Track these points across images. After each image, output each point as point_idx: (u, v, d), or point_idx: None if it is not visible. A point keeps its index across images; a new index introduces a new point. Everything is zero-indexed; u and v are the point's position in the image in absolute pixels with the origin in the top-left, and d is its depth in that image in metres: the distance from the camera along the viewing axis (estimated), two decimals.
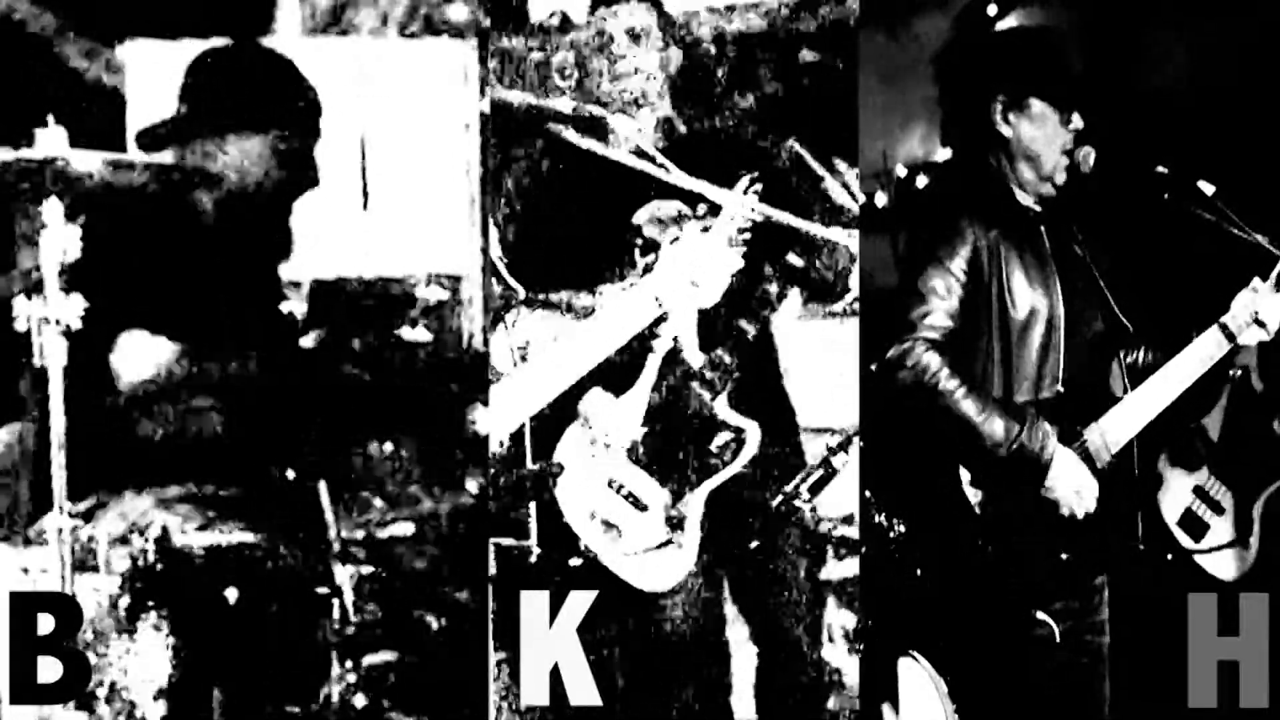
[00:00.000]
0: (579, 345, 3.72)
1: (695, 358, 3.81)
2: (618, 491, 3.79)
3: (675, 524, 3.81)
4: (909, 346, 3.57)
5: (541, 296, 3.87)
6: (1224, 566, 4.31)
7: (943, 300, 3.60)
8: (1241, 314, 3.69)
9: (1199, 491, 4.33)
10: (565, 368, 3.71)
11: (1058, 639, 3.63)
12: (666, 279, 3.70)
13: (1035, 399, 3.66)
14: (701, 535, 3.83)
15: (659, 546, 3.80)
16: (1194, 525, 4.34)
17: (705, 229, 3.73)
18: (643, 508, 3.81)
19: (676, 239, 3.75)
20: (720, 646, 4.01)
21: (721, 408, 3.82)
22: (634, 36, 3.93)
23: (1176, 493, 4.32)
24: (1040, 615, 3.63)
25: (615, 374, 3.77)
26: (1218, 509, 4.34)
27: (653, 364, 3.78)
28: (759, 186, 3.74)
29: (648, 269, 3.79)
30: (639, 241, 3.83)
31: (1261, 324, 3.68)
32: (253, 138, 3.99)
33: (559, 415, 3.78)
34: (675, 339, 3.77)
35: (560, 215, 3.95)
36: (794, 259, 3.87)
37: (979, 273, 3.64)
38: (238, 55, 4.09)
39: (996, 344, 3.66)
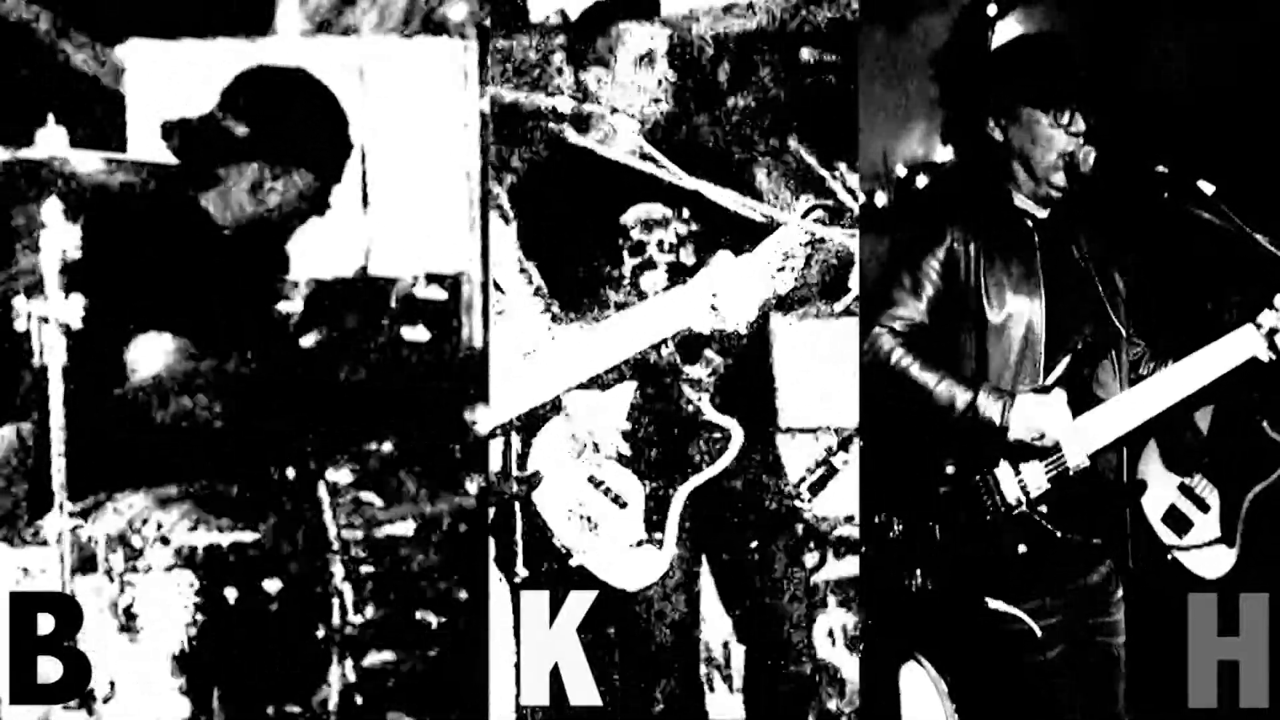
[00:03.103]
0: (609, 338, 3.76)
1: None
2: (598, 488, 3.81)
3: (654, 523, 3.82)
4: (870, 334, 3.69)
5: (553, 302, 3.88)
6: (1206, 565, 4.31)
7: (909, 296, 3.69)
8: (1265, 327, 3.67)
9: (1184, 488, 4.33)
10: (589, 361, 3.76)
11: (1038, 633, 3.64)
12: (726, 282, 3.74)
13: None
14: (680, 535, 3.83)
15: (637, 545, 3.81)
16: (1178, 521, 4.34)
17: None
18: (623, 505, 3.83)
19: (746, 251, 3.77)
20: (694, 645, 4.01)
21: (706, 407, 3.82)
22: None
23: (1162, 488, 4.33)
24: (998, 605, 3.64)
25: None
26: (1203, 506, 4.34)
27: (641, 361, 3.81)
28: (822, 214, 3.77)
29: (636, 271, 3.81)
30: (627, 243, 3.85)
31: (1274, 347, 3.66)
32: (295, 174, 3.98)
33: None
34: (668, 338, 3.79)
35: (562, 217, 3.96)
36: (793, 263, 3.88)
37: (954, 274, 3.69)
38: (289, 83, 4.06)
39: (973, 345, 3.69)
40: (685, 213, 3.84)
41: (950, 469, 3.68)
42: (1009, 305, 3.70)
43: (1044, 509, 3.65)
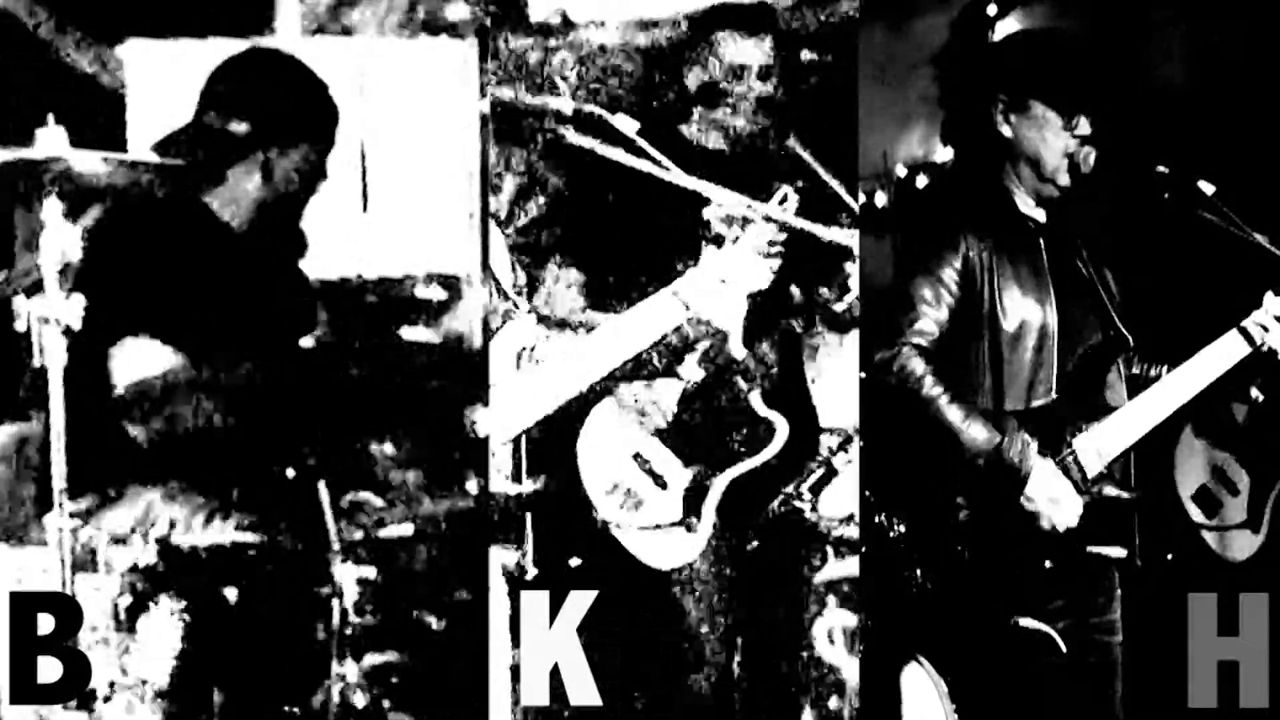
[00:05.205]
0: (598, 347, 3.77)
1: (739, 350, 3.85)
2: (641, 466, 3.84)
3: (692, 506, 3.84)
4: (895, 352, 3.60)
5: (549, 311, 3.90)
6: (1231, 547, 4.35)
7: (931, 308, 3.63)
8: (1254, 325, 3.68)
9: (1217, 470, 4.37)
10: (585, 368, 3.77)
11: (1061, 646, 3.63)
12: (695, 284, 3.75)
13: (1027, 407, 3.66)
14: (716, 521, 3.87)
15: (673, 525, 3.84)
16: (1208, 502, 4.38)
17: (735, 239, 3.78)
18: (663, 485, 3.89)
19: (719, 239, 3.79)
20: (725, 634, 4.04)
21: (756, 401, 3.86)
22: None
23: (1194, 468, 4.36)
24: (1027, 623, 3.62)
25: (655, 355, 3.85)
26: (1233, 490, 4.38)
27: (695, 351, 3.87)
28: (796, 199, 3.78)
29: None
30: (708, 236, 3.87)
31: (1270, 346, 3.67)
32: (296, 149, 4.01)
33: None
34: (721, 329, 3.81)
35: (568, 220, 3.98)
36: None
37: (971, 282, 3.66)
38: (263, 64, 4.09)
39: (987, 353, 3.67)
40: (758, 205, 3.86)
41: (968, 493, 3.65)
42: (1021, 312, 3.68)
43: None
